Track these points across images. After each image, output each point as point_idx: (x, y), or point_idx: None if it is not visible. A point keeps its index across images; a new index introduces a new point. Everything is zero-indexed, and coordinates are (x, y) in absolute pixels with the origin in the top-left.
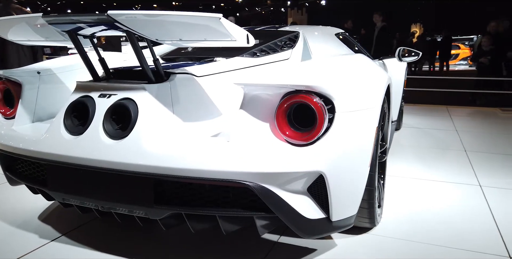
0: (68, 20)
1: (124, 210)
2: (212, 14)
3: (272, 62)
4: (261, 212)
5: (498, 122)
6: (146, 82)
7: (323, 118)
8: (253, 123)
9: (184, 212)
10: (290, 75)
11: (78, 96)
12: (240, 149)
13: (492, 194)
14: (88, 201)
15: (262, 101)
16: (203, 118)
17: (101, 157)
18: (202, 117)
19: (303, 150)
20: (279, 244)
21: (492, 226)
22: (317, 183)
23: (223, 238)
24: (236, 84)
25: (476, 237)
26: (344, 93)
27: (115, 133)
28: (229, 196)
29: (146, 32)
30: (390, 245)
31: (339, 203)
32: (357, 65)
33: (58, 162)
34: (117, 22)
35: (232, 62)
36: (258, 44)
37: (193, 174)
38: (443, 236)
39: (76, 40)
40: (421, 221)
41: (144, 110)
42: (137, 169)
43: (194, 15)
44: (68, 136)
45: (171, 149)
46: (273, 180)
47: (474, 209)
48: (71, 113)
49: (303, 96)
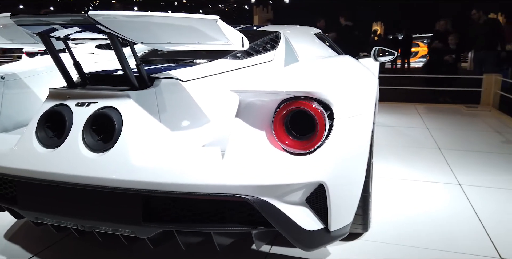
0: (40, 21)
1: (107, 229)
2: (208, 16)
3: (257, 64)
4: (260, 227)
5: (465, 119)
6: (129, 89)
7: (324, 125)
8: (250, 132)
9: (175, 229)
10: (288, 81)
11: (51, 105)
12: (237, 161)
13: (472, 193)
14: (65, 220)
15: (258, 109)
16: (192, 127)
17: (81, 172)
18: (191, 125)
19: (304, 159)
20: (272, 255)
21: (479, 228)
22: (316, 193)
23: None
24: (233, 91)
25: (466, 239)
26: (342, 98)
27: (97, 146)
28: (225, 211)
29: (130, 35)
30: (384, 251)
31: (338, 212)
32: (349, 68)
33: (30, 179)
34: (98, 24)
35: (218, 65)
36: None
37: (186, 189)
38: (434, 239)
39: (49, 42)
40: (409, 224)
41: (129, 120)
42: (124, 185)
43: (188, 17)
44: (42, 149)
45: (161, 162)
46: (273, 192)
47: (458, 210)
48: (44, 124)
49: (303, 103)
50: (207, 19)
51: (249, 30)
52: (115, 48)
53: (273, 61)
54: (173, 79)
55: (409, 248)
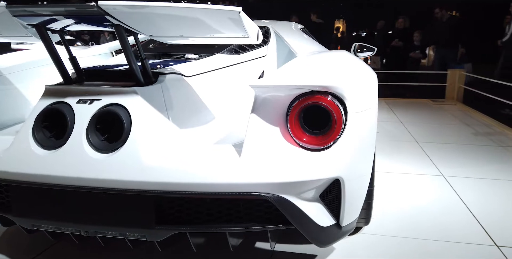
0: (42, 11)
1: (114, 234)
2: (231, 7)
3: (252, 59)
4: (279, 225)
5: (434, 113)
6: (133, 85)
7: (341, 120)
8: (266, 128)
9: (190, 231)
10: (304, 76)
11: (48, 103)
12: (255, 159)
13: (457, 184)
14: (67, 225)
15: (274, 104)
16: (200, 123)
17: (87, 174)
18: (199, 121)
19: (321, 155)
20: (277, 252)
21: (470, 217)
22: (331, 189)
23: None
24: (251, 85)
25: (459, 229)
26: (354, 93)
27: (103, 146)
28: (241, 210)
29: (140, 27)
30: (384, 244)
31: (350, 208)
32: (354, 63)
33: (27, 183)
34: (107, 15)
35: (217, 60)
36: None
37: (203, 189)
38: (430, 230)
39: (46, 35)
40: (404, 216)
41: (138, 117)
42: (135, 186)
43: (210, 8)
44: (41, 151)
45: (175, 161)
46: (292, 190)
47: (448, 201)
48: (41, 124)
49: (319, 97)
50: (230, 10)
51: None
52: (122, 41)
53: (267, 56)
54: (177, 75)
55: (408, 240)
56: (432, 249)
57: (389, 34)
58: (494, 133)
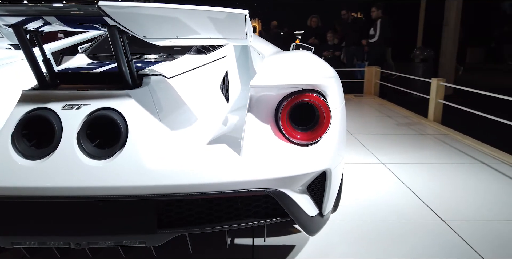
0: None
1: (109, 243)
2: (238, 10)
3: (217, 59)
4: (277, 218)
5: (358, 106)
6: (120, 87)
7: (329, 116)
8: (262, 126)
9: (191, 232)
10: (293, 75)
11: (27, 109)
12: (254, 157)
13: (396, 169)
14: (53, 239)
15: (266, 103)
16: (188, 123)
17: (83, 183)
18: (188, 122)
19: (311, 149)
20: (257, 246)
21: (414, 198)
22: (316, 180)
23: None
24: (251, 86)
25: (408, 209)
26: (333, 90)
27: (98, 152)
28: (240, 207)
29: (136, 28)
30: (349, 228)
31: (331, 197)
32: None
33: (11, 197)
34: (106, 16)
35: (190, 60)
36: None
37: (207, 189)
38: (384, 212)
39: (23, 36)
40: (358, 202)
41: (133, 121)
42: (137, 191)
43: (217, 10)
44: (24, 161)
45: (176, 163)
46: (289, 183)
47: (392, 185)
48: (20, 132)
49: (309, 95)
50: (237, 13)
51: None
52: (114, 43)
53: (227, 56)
54: (159, 76)
55: (368, 223)
56: (389, 228)
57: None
58: (412, 123)
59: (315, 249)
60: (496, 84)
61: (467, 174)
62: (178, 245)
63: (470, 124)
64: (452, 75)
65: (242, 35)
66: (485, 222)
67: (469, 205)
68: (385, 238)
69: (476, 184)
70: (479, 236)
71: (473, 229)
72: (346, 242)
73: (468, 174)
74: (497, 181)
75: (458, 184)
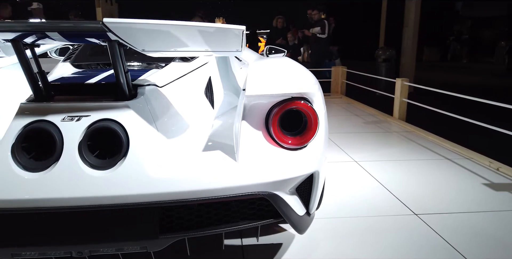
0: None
1: (110, 250)
2: (236, 26)
3: (201, 66)
4: (270, 219)
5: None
6: (117, 98)
7: (317, 121)
8: (255, 133)
9: (191, 236)
10: (285, 84)
11: (26, 122)
12: (250, 162)
13: (369, 167)
14: (54, 249)
15: (258, 111)
16: (182, 131)
17: (87, 193)
18: (180, 129)
19: (301, 153)
20: (247, 246)
21: (387, 193)
22: (304, 182)
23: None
24: (247, 96)
25: (383, 204)
26: (317, 97)
27: (99, 163)
28: (237, 210)
29: (135, 42)
30: (333, 224)
31: (316, 197)
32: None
33: (12, 210)
34: (109, 32)
35: (177, 68)
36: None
37: (207, 195)
38: (361, 208)
39: (21, 49)
40: (338, 199)
41: (133, 131)
42: (140, 199)
43: (218, 26)
44: (26, 174)
45: (177, 170)
46: (282, 186)
47: (366, 182)
48: (20, 145)
49: (298, 102)
50: (235, 28)
51: None
52: (113, 56)
53: (209, 62)
54: (152, 86)
55: (348, 219)
56: (367, 223)
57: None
58: (379, 121)
59: (301, 246)
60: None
61: (433, 169)
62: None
63: (432, 121)
64: (413, 74)
65: (238, 48)
66: (453, 214)
67: (437, 199)
68: (364, 232)
69: (441, 179)
70: (449, 228)
71: (443, 221)
72: (328, 238)
73: (433, 169)
74: (460, 175)
75: (426, 179)
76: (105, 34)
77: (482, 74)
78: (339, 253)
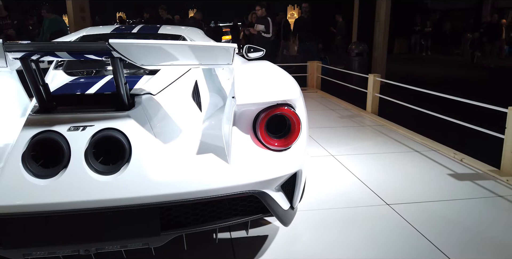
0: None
1: (115, 247)
2: (228, 44)
3: (188, 70)
4: (260, 214)
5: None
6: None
7: (300, 125)
8: (244, 137)
9: (188, 232)
10: (271, 92)
11: (34, 133)
12: (241, 164)
13: (344, 160)
14: (63, 248)
15: (247, 117)
16: (176, 136)
17: (95, 197)
18: (175, 134)
19: (286, 154)
20: (236, 239)
21: (361, 185)
22: (289, 180)
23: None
24: (239, 104)
25: (358, 196)
26: (299, 102)
27: (105, 169)
28: (230, 207)
29: (135, 58)
30: (314, 215)
31: (299, 192)
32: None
33: (27, 214)
34: (114, 51)
35: (166, 75)
36: None
37: (204, 195)
38: (338, 200)
39: (29, 65)
40: (317, 192)
41: (134, 138)
42: (143, 201)
43: (212, 45)
44: (37, 180)
45: (175, 173)
46: (269, 184)
47: (342, 175)
48: (30, 154)
49: (282, 108)
50: (228, 46)
51: (152, 33)
52: (115, 71)
53: None
54: (148, 94)
55: (327, 210)
56: (344, 214)
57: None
58: (353, 115)
59: (286, 237)
60: (420, 73)
61: (403, 162)
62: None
63: (402, 114)
64: (384, 67)
65: (229, 62)
66: (422, 203)
67: (407, 189)
68: (341, 222)
69: (411, 170)
70: (418, 216)
71: (413, 210)
72: (310, 229)
73: (404, 161)
74: (427, 166)
75: (397, 170)
76: (109, 52)
77: (450, 65)
78: (321, 243)
